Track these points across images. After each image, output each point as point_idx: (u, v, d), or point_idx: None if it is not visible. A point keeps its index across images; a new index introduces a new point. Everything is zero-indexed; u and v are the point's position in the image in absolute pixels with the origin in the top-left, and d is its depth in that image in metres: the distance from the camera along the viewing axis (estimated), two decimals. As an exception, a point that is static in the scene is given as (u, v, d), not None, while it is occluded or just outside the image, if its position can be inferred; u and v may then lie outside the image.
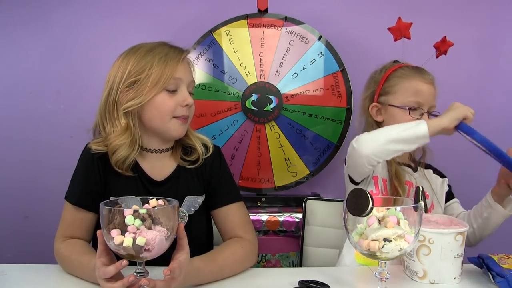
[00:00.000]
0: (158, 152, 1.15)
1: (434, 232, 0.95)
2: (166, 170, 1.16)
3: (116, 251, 0.83)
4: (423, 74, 1.28)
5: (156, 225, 0.82)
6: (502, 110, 1.90)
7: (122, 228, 0.81)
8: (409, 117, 1.24)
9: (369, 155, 1.14)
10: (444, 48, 1.34)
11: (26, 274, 1.04)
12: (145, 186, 1.13)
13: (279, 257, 1.71)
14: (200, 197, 1.17)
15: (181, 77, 1.09)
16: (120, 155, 1.07)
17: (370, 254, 0.84)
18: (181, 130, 1.12)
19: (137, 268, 0.86)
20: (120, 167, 1.09)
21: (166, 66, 1.07)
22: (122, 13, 1.91)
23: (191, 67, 1.15)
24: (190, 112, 1.13)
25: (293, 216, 1.70)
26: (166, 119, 1.09)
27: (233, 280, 1.02)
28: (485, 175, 1.33)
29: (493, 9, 1.88)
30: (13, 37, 1.92)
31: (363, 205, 0.80)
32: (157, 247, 0.82)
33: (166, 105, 1.08)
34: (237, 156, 1.77)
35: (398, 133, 1.11)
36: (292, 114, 1.74)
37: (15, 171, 1.93)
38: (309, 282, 0.95)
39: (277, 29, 1.74)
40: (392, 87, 1.30)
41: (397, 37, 1.36)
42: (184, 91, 1.10)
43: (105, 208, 0.83)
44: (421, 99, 1.25)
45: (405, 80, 1.28)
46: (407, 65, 1.32)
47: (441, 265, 0.96)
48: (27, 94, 1.94)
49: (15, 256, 1.86)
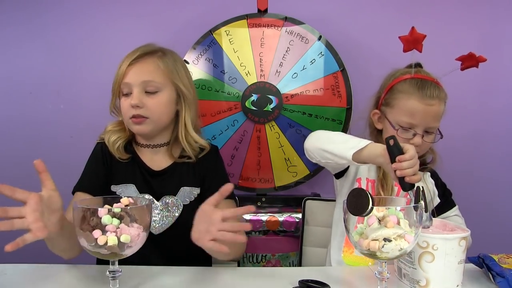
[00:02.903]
0: (150, 147, 1.24)
1: (439, 237, 0.91)
2: (162, 164, 1.23)
3: (94, 251, 0.83)
4: (424, 92, 1.20)
5: (133, 223, 0.83)
6: (502, 110, 1.90)
7: (100, 228, 0.81)
8: (398, 137, 1.19)
9: (307, 150, 1.23)
10: (470, 63, 1.25)
11: (26, 274, 1.04)
12: (143, 176, 1.21)
13: (279, 257, 1.71)
14: (195, 189, 1.22)
15: (128, 81, 1.17)
16: (111, 139, 1.21)
17: (370, 253, 0.84)
18: (138, 129, 1.19)
19: (109, 267, 0.87)
20: (113, 149, 1.21)
21: (118, 72, 1.18)
22: (122, 13, 1.91)
23: (149, 67, 1.17)
24: (144, 112, 1.16)
25: (293, 216, 1.70)
26: (125, 119, 1.20)
27: (233, 280, 1.02)
28: (485, 173, 1.33)
29: (493, 9, 1.88)
30: (13, 37, 1.92)
31: (363, 205, 0.80)
32: (139, 243, 0.85)
33: (123, 108, 1.19)
34: (237, 156, 1.77)
35: (334, 146, 1.13)
36: (292, 114, 1.74)
37: (15, 171, 1.93)
38: (309, 282, 0.95)
39: (277, 29, 1.74)
40: (392, 100, 1.26)
41: (408, 48, 1.24)
42: (134, 92, 1.16)
43: (78, 208, 0.82)
44: (415, 121, 1.20)
45: (403, 96, 1.22)
46: (414, 77, 1.24)
47: (445, 273, 0.91)
48: (27, 94, 1.94)
49: (15, 256, 1.86)
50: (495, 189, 1.90)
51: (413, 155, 0.95)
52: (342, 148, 1.10)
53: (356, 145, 1.06)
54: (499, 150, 1.90)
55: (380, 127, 1.30)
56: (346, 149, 1.08)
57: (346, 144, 1.09)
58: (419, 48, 1.23)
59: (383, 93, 1.29)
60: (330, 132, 1.23)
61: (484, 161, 1.89)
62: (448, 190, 1.34)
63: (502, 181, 1.89)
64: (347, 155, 1.07)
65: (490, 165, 1.90)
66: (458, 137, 1.85)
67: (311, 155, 1.23)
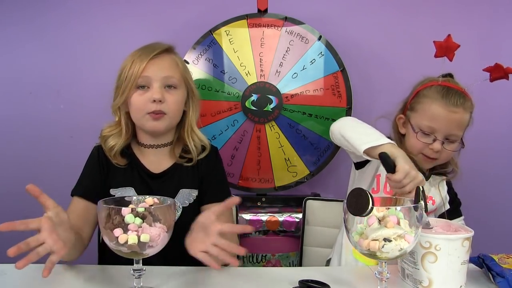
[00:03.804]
0: (154, 148, 1.22)
1: (441, 238, 0.90)
2: (163, 165, 1.22)
3: (117, 250, 0.84)
4: (448, 99, 1.20)
5: (156, 222, 0.84)
6: (503, 110, 1.90)
7: (123, 227, 0.82)
8: (417, 141, 1.22)
9: (331, 132, 1.26)
10: (498, 74, 1.23)
11: (26, 274, 1.04)
12: (142, 178, 1.20)
13: (279, 257, 1.71)
14: (194, 191, 1.22)
15: (149, 75, 1.15)
16: (109, 144, 1.18)
17: (370, 254, 0.84)
18: (154, 125, 1.16)
19: (133, 266, 0.88)
20: (109, 154, 1.19)
21: (136, 65, 1.14)
22: (122, 13, 1.91)
23: (169, 63, 1.19)
24: (164, 107, 1.16)
25: (293, 216, 1.70)
26: (140, 115, 1.16)
27: (233, 280, 1.02)
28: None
29: (492, 9, 1.88)
30: (13, 37, 1.92)
31: (363, 205, 0.80)
32: (160, 244, 0.85)
33: (138, 102, 1.15)
34: (237, 156, 1.77)
35: (353, 135, 1.15)
36: (292, 114, 1.74)
37: (15, 171, 1.93)
38: (309, 282, 0.95)
39: (277, 29, 1.74)
40: (416, 105, 1.26)
41: (440, 54, 1.23)
42: (155, 87, 1.15)
43: (103, 207, 0.84)
44: (436, 126, 1.20)
45: (427, 101, 1.23)
46: (441, 84, 1.24)
47: (448, 273, 0.90)
48: (27, 94, 1.94)
49: (15, 256, 1.86)
50: (495, 189, 1.90)
51: (400, 178, 0.98)
52: (358, 139, 1.11)
53: (372, 141, 1.07)
54: (498, 150, 1.90)
55: (404, 131, 1.29)
56: (361, 142, 1.09)
57: (365, 137, 1.10)
58: (450, 56, 1.23)
59: (410, 98, 1.30)
60: (358, 121, 1.24)
61: (484, 161, 1.89)
62: (458, 199, 1.35)
63: (502, 181, 1.89)
64: (360, 148, 1.09)
65: (490, 164, 1.90)
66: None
67: (333, 137, 1.26)
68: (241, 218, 1.69)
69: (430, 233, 0.93)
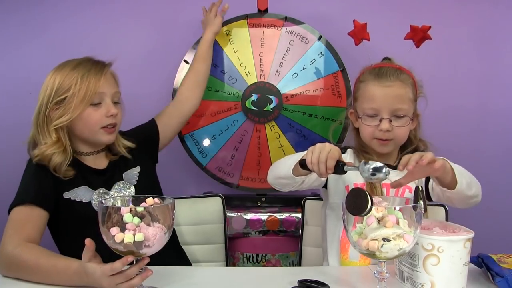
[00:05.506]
0: (94, 154, 1.27)
1: (444, 239, 0.89)
2: (101, 165, 1.28)
3: (115, 249, 0.85)
4: (381, 76, 1.22)
5: (155, 222, 0.84)
6: (502, 109, 1.90)
7: (121, 226, 0.83)
8: (365, 126, 1.22)
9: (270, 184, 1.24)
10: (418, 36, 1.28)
11: (26, 273, 1.04)
12: (92, 175, 1.24)
13: (279, 257, 1.71)
14: (135, 169, 1.30)
15: (104, 91, 1.20)
16: (55, 162, 1.16)
17: (369, 253, 0.84)
18: (109, 138, 1.23)
19: None
20: (58, 172, 1.17)
21: (89, 82, 1.17)
22: (122, 13, 1.91)
23: (115, 79, 1.27)
24: (117, 119, 1.23)
25: (293, 216, 1.70)
26: (94, 130, 1.20)
27: (233, 280, 1.02)
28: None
29: (492, 9, 1.88)
30: (13, 37, 1.92)
31: (363, 205, 0.80)
32: (157, 243, 0.85)
33: (93, 118, 1.19)
34: (237, 156, 1.77)
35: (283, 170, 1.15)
36: (292, 114, 1.74)
37: (15, 171, 1.93)
38: (309, 282, 0.95)
39: (277, 29, 1.74)
40: (357, 92, 1.28)
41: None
42: (108, 102, 1.21)
43: (102, 207, 0.86)
44: (376, 105, 1.20)
45: (363, 85, 1.25)
46: (374, 67, 1.27)
47: (450, 275, 0.90)
48: (27, 94, 1.94)
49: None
50: (495, 188, 1.90)
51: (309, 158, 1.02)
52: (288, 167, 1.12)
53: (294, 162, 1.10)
54: (498, 149, 1.90)
55: (357, 125, 1.29)
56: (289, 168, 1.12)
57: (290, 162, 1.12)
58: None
59: (353, 91, 1.33)
60: (280, 160, 1.25)
61: (483, 161, 1.88)
62: None
63: (501, 181, 1.89)
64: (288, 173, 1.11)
65: (490, 164, 1.90)
66: (457, 136, 1.85)
67: (275, 187, 1.25)
68: (241, 218, 1.69)
69: (430, 234, 0.92)
